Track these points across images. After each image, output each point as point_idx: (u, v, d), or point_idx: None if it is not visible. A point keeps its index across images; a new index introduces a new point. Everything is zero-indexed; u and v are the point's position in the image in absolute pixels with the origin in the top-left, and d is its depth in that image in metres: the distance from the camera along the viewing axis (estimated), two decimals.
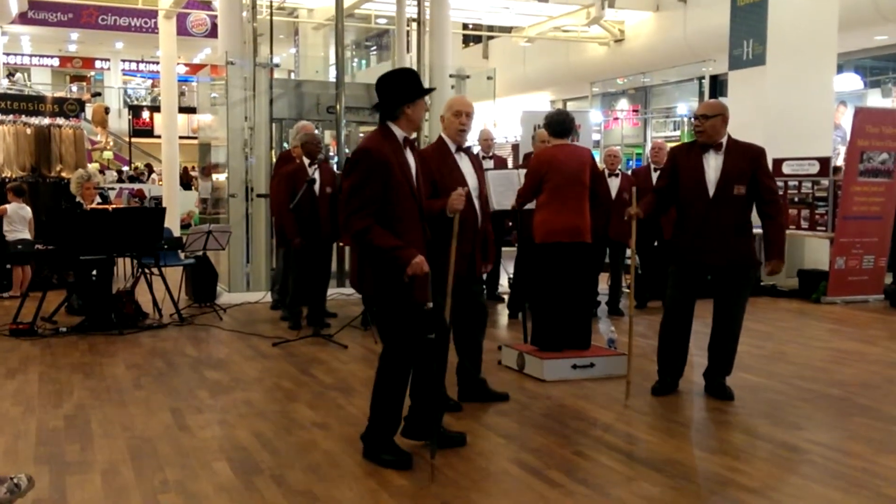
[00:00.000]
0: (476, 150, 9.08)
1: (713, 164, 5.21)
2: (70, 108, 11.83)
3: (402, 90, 3.99)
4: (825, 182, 9.94)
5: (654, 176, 8.58)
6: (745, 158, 5.23)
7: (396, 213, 3.91)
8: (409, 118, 4.01)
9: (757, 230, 5.47)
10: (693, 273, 5.33)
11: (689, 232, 5.26)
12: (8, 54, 30.56)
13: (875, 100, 17.09)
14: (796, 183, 10.25)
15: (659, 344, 5.50)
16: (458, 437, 4.41)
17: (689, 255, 5.27)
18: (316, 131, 8.14)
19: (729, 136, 5.30)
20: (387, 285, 3.95)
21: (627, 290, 9.17)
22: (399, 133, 4.01)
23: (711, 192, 5.18)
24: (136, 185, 20.43)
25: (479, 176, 4.95)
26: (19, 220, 9.80)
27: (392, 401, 4.08)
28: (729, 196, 5.17)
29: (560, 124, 6.12)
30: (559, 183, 5.96)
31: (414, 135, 4.16)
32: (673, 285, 5.39)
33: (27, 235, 9.71)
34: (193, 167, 23.46)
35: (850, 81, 16.62)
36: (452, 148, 4.88)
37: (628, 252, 7.31)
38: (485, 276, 5.32)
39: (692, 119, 5.47)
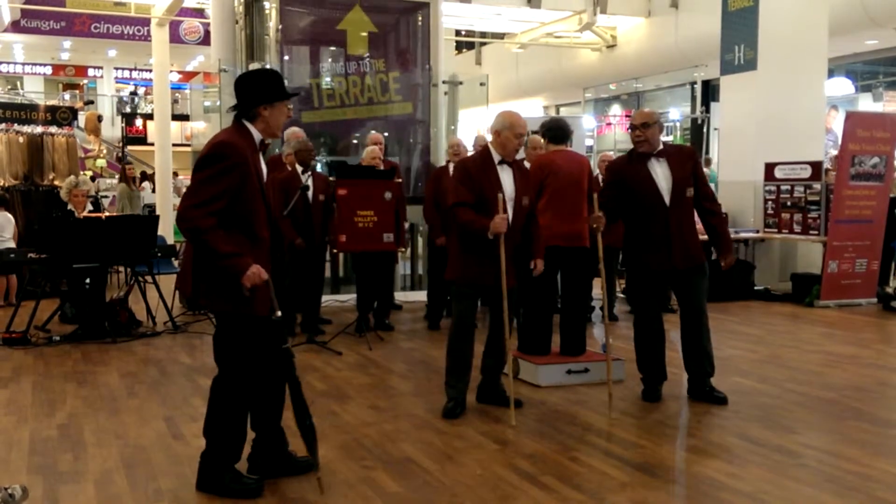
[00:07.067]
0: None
1: (661, 172, 5.27)
2: (63, 116, 11.83)
3: (259, 90, 3.76)
4: (817, 186, 9.98)
5: None
6: (685, 161, 5.34)
7: (245, 212, 3.71)
8: (266, 121, 3.77)
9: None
10: (657, 279, 5.39)
11: (651, 240, 5.30)
12: (0, 63, 30.54)
13: (866, 104, 17.15)
14: (788, 187, 10.29)
15: (637, 353, 5.54)
16: (305, 463, 4.00)
17: (655, 264, 5.30)
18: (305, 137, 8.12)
19: (662, 142, 5.39)
20: (225, 295, 3.69)
21: (622, 296, 9.23)
22: (256, 134, 3.78)
23: (667, 199, 5.24)
24: None
25: (518, 186, 5.03)
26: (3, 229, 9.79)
27: (232, 425, 3.79)
28: (682, 200, 5.27)
29: (559, 130, 6.21)
30: (558, 188, 6.02)
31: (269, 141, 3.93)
32: (641, 293, 5.46)
33: (12, 244, 9.67)
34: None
35: (841, 86, 16.69)
36: (497, 159, 5.00)
37: (622, 257, 7.31)
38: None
39: (630, 130, 5.44)
